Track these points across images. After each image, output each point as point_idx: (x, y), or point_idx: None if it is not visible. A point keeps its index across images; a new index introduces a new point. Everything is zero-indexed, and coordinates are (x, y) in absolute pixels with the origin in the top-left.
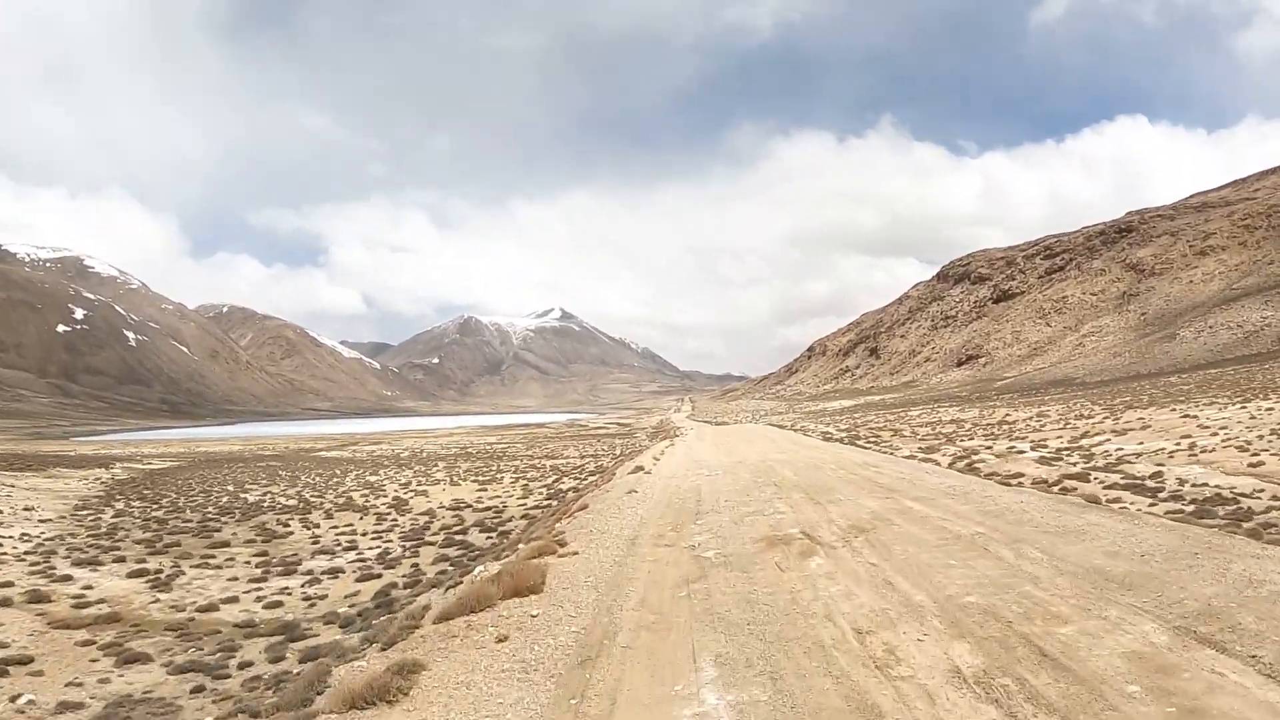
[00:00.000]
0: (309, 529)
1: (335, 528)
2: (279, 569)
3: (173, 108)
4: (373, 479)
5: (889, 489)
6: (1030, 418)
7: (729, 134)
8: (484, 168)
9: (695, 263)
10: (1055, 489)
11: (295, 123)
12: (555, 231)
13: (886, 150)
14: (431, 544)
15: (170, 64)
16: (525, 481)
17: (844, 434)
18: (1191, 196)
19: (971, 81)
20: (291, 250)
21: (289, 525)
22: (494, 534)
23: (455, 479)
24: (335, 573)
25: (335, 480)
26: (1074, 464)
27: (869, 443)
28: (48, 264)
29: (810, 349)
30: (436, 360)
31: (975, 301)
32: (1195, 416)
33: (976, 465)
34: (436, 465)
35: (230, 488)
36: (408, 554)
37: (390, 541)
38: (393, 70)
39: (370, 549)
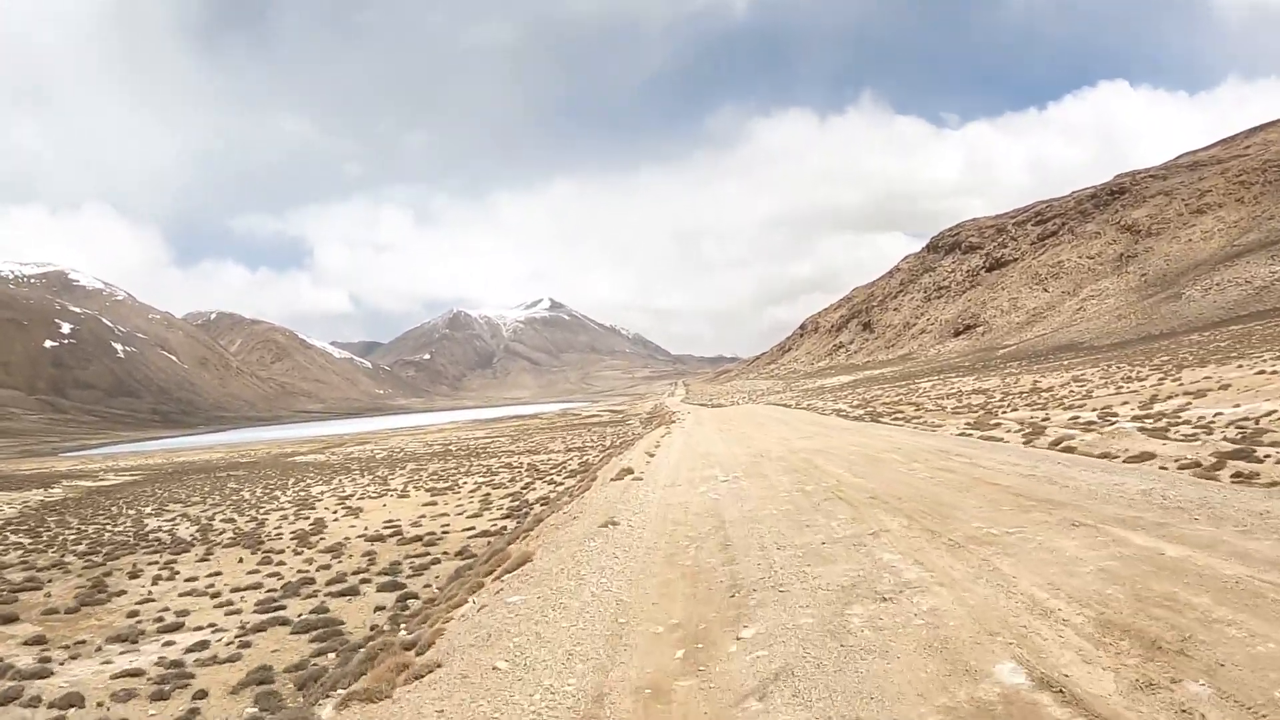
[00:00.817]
0: (160, 582)
1: (194, 579)
2: None
3: (148, 117)
4: (318, 490)
5: (1041, 500)
6: (1065, 383)
7: (709, 117)
8: (463, 161)
9: (680, 247)
10: (1223, 473)
11: (270, 126)
12: (539, 221)
13: (868, 126)
14: (287, 623)
15: (142, 73)
16: (489, 490)
17: (861, 410)
18: (1181, 156)
19: (951, 52)
20: (275, 254)
21: (140, 575)
22: (399, 591)
23: (412, 487)
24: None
25: (274, 494)
26: (1192, 435)
27: (895, 419)
28: (32, 280)
29: (802, 327)
30: (428, 356)
31: (968, 271)
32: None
33: (1069, 444)
34: (403, 468)
35: (149, 508)
36: (232, 647)
37: (239, 611)
38: (365, 69)
39: (197, 629)
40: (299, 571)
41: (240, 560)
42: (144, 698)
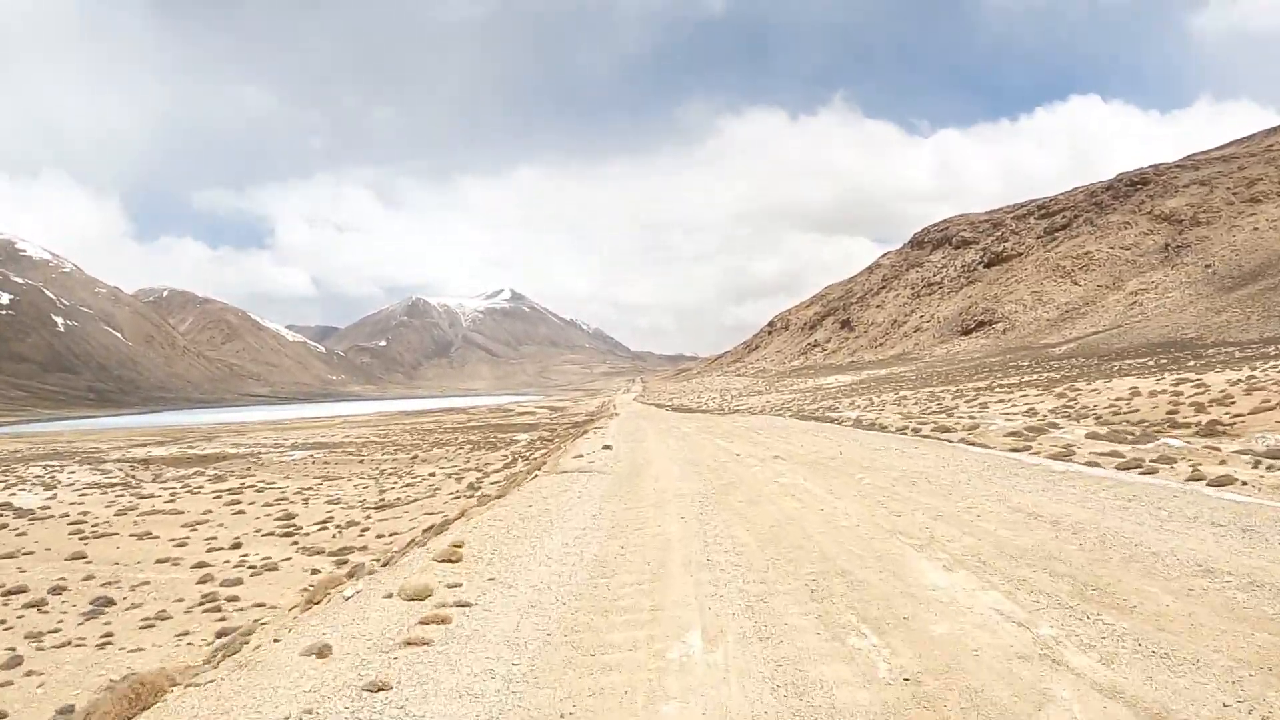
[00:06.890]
0: None
1: None
2: None
3: (109, 87)
4: None
5: None
6: None
7: (679, 110)
8: (429, 143)
9: (645, 239)
10: None
11: (234, 97)
12: (504, 208)
13: (839, 127)
14: None
15: (103, 40)
16: None
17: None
18: (1194, 155)
19: (926, 59)
20: (237, 231)
21: None
22: None
23: None
24: None
25: None
26: None
27: None
28: None
29: (771, 324)
30: (384, 343)
31: (963, 266)
32: None
33: None
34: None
35: None
36: None
37: None
38: (332, 41)
39: None
40: None
41: None
42: None
